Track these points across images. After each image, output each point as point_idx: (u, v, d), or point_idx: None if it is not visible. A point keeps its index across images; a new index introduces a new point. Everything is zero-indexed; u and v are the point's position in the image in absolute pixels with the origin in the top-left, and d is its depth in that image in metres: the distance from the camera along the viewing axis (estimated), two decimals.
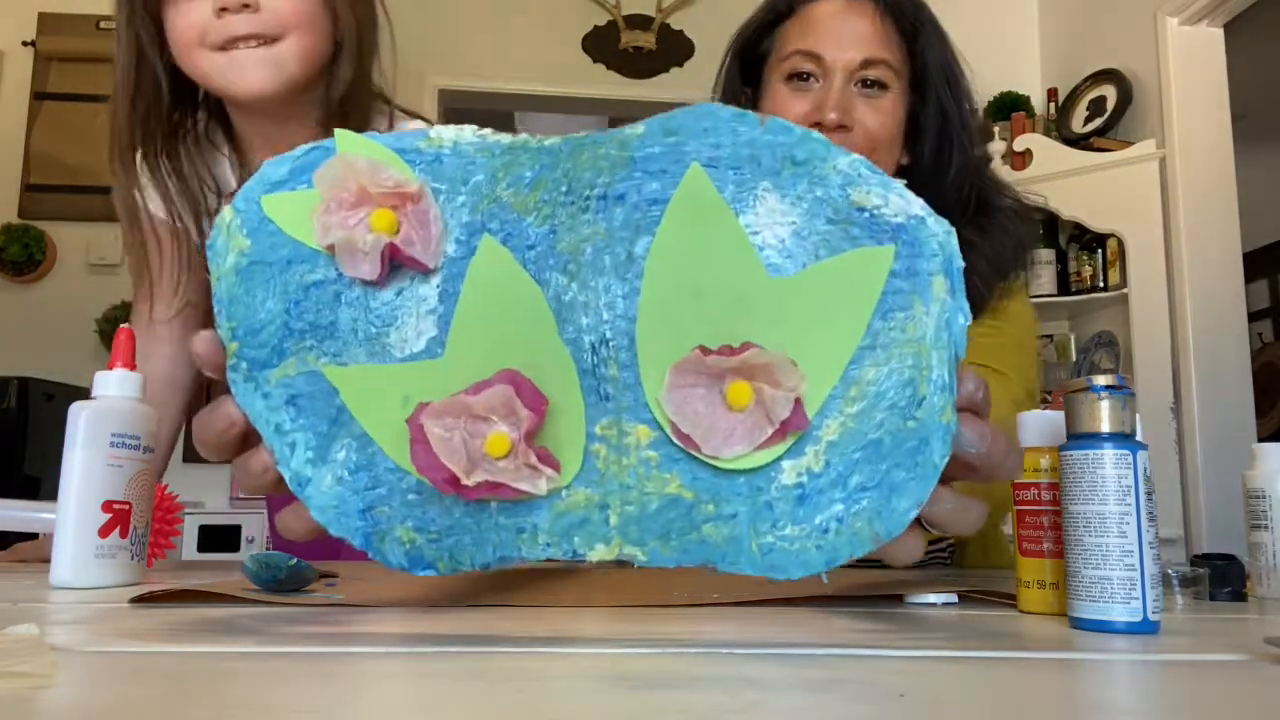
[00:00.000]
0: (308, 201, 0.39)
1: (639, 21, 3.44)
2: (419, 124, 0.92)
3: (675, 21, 3.47)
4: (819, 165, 0.39)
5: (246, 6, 0.80)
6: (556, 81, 3.42)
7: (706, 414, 0.37)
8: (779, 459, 0.38)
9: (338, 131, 0.39)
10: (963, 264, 0.39)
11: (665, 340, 0.38)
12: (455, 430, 0.37)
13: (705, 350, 0.38)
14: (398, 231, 0.38)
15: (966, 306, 0.38)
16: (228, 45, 0.81)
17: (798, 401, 0.37)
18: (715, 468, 0.38)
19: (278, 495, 0.41)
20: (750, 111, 0.40)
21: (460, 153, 0.40)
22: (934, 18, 0.96)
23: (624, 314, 0.38)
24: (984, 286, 0.90)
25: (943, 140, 0.93)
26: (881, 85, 0.90)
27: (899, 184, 0.39)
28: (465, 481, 0.36)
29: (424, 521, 0.39)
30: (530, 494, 0.37)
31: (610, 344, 0.38)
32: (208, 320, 1.01)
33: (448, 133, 0.40)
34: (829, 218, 0.39)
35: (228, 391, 0.40)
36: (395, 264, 0.38)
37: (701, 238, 0.38)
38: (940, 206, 0.49)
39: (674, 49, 3.45)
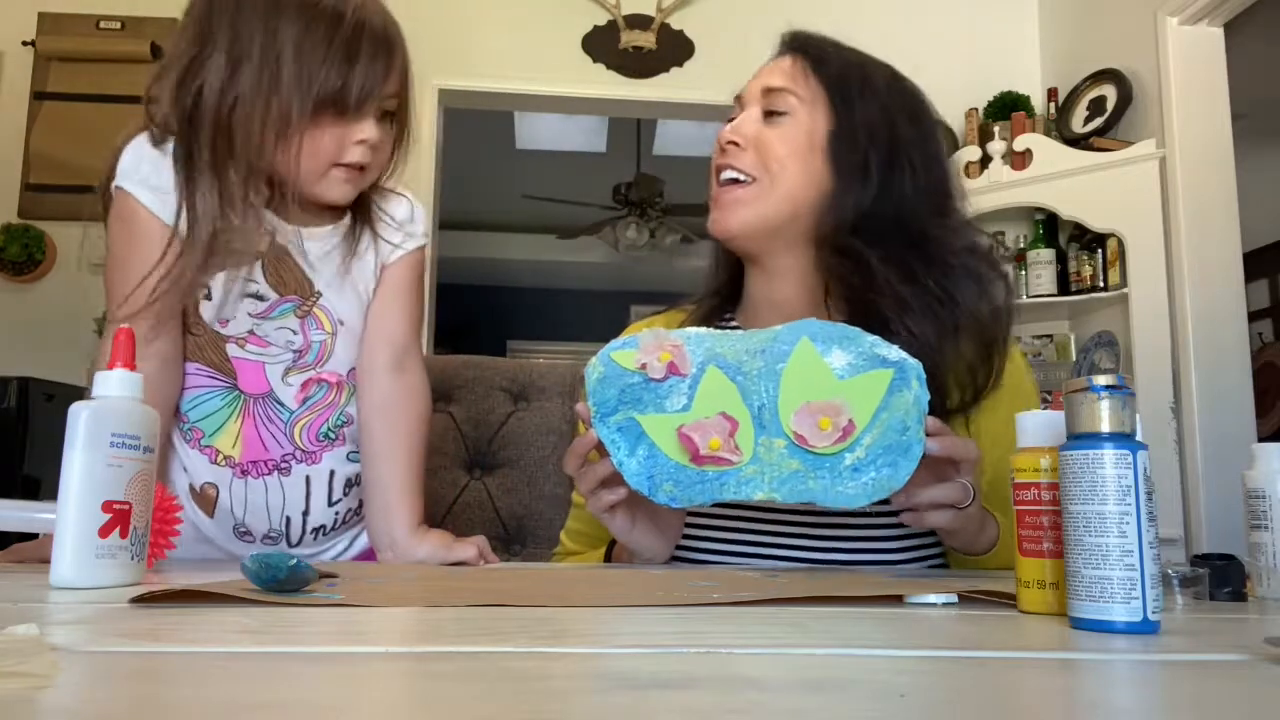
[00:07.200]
0: (629, 352, 0.82)
1: (639, 21, 3.44)
2: (403, 197, 1.09)
3: (675, 21, 3.46)
4: (858, 338, 0.81)
5: (374, 148, 0.96)
6: (556, 81, 3.42)
7: (811, 430, 0.77)
8: (842, 452, 0.77)
9: (651, 329, 0.85)
10: (924, 375, 0.79)
11: (789, 403, 0.79)
12: (698, 434, 0.77)
13: (809, 404, 0.78)
14: (670, 360, 0.81)
15: (927, 394, 0.79)
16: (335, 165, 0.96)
17: (849, 424, 0.77)
18: (814, 454, 0.77)
19: (607, 481, 0.82)
20: (827, 322, 0.83)
21: (699, 335, 0.84)
22: (886, 79, 1.05)
23: (771, 395, 0.79)
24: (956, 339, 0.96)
25: (888, 181, 1.00)
26: (782, 113, 1.05)
27: (894, 346, 0.81)
28: (702, 453, 0.77)
29: (677, 480, 0.78)
30: (730, 464, 0.77)
31: (765, 407, 0.79)
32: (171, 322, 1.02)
33: (694, 330, 0.85)
34: (865, 357, 0.80)
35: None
36: (669, 375, 0.80)
37: (805, 366, 0.80)
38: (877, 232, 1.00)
39: (674, 49, 3.45)
